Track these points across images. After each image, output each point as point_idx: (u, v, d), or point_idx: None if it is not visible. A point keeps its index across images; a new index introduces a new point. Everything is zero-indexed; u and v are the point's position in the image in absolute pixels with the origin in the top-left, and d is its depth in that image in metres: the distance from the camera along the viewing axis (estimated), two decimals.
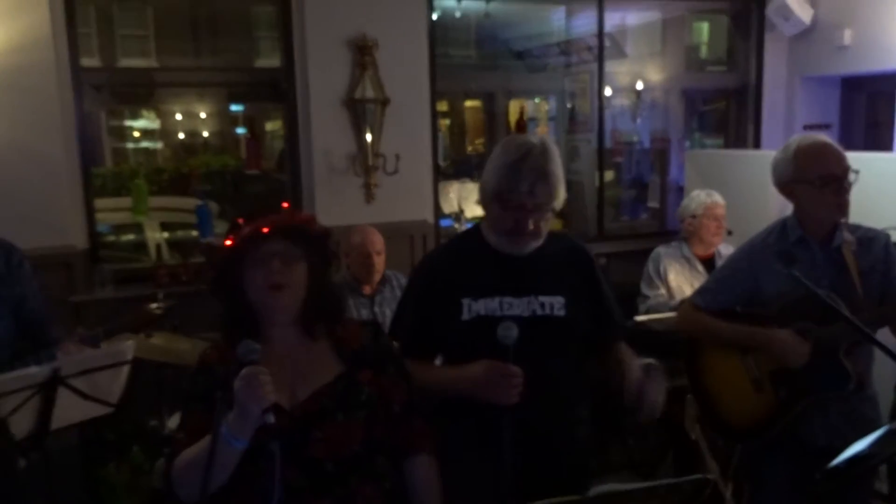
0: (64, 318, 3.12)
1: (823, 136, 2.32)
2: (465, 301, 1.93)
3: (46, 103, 3.66)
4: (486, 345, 1.79)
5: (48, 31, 3.64)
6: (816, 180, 2.24)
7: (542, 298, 1.96)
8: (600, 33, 5.10)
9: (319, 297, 1.74)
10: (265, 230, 1.66)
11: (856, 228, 2.33)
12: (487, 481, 1.77)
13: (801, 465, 2.32)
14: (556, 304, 1.96)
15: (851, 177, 2.25)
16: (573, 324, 1.98)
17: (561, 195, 1.92)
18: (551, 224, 2.05)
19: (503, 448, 1.70)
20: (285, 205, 1.81)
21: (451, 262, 2.04)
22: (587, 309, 2.03)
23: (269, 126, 11.15)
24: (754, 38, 5.42)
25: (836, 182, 2.23)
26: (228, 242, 1.67)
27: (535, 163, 1.86)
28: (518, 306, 1.93)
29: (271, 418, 1.49)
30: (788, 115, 5.42)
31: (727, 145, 5.76)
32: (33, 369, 2.11)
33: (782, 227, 2.40)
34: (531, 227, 1.90)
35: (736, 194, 4.33)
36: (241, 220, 1.70)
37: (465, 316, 1.93)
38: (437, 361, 2.08)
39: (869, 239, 2.30)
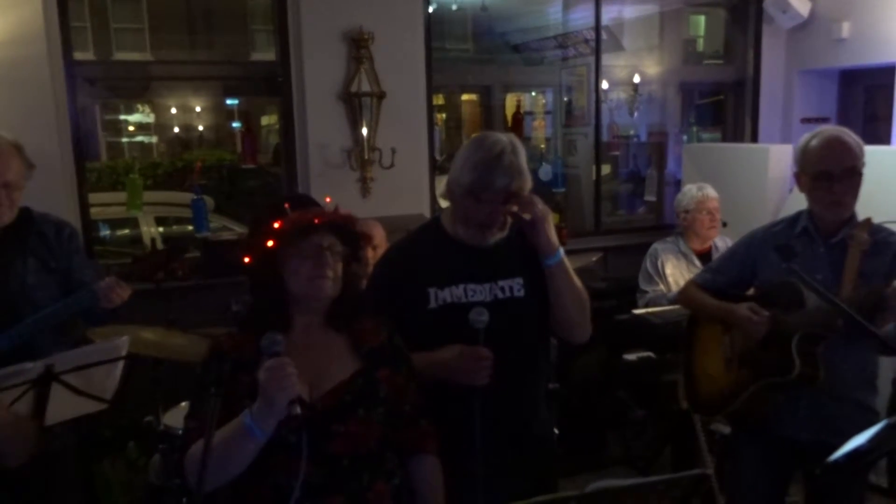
0: None
1: (841, 133, 2.29)
2: (431, 290, 2.02)
3: (40, 97, 3.63)
4: (455, 331, 1.90)
5: (41, 24, 3.61)
6: (812, 175, 2.27)
7: (502, 282, 2.07)
8: (597, 26, 5.08)
9: (349, 291, 1.76)
10: (317, 221, 1.67)
11: (879, 230, 2.29)
12: (459, 462, 1.81)
13: (773, 452, 2.40)
14: (515, 285, 2.07)
15: (863, 177, 2.24)
16: (532, 302, 2.09)
17: (528, 187, 2.02)
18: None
19: (474, 427, 1.78)
20: (328, 199, 1.81)
21: (414, 254, 2.12)
22: (543, 284, 2.11)
23: (265, 120, 11.15)
24: (752, 31, 5.40)
25: (829, 181, 2.23)
26: (277, 225, 1.66)
27: (509, 160, 1.96)
28: (481, 292, 2.04)
29: (297, 409, 1.48)
30: (786, 109, 5.42)
31: (725, 139, 5.75)
32: (27, 365, 2.09)
33: (796, 217, 2.42)
34: (502, 218, 2.00)
35: (734, 187, 4.33)
36: (287, 205, 1.69)
37: (433, 304, 2.01)
38: None
39: (887, 243, 2.27)
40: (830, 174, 2.23)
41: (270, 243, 1.66)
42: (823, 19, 4.97)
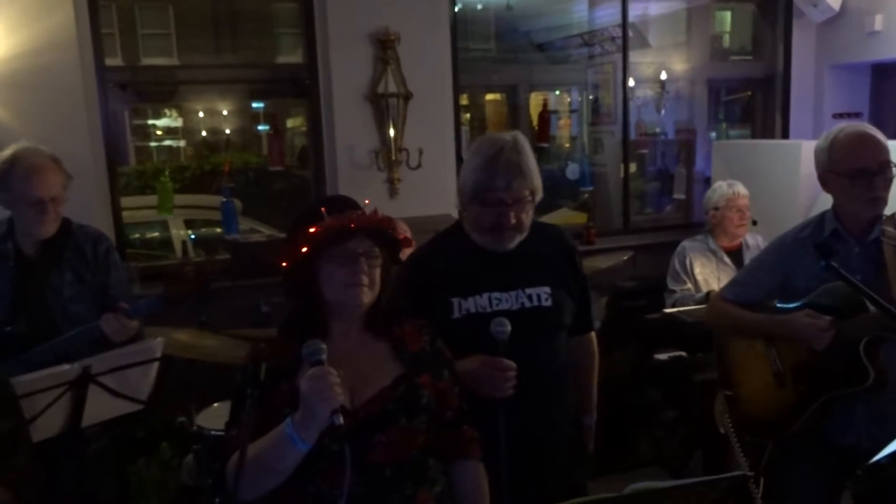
0: None
1: (866, 127, 2.23)
2: (455, 300, 1.98)
3: (73, 103, 3.68)
4: (478, 341, 1.86)
5: (73, 31, 3.66)
6: (846, 173, 2.18)
7: (529, 290, 2.02)
8: (624, 23, 5.05)
9: (388, 296, 1.73)
10: (353, 226, 1.63)
11: None
12: (486, 470, 1.78)
13: (827, 464, 2.28)
14: (542, 294, 2.03)
15: (894, 171, 2.17)
16: (559, 311, 2.06)
17: (538, 187, 1.98)
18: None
19: (499, 440, 1.74)
20: (367, 202, 1.77)
21: (437, 262, 2.07)
22: (570, 295, 2.10)
23: (290, 123, 11.19)
24: (781, 26, 5.33)
25: (868, 177, 2.16)
26: (312, 230, 1.62)
27: (509, 158, 1.92)
28: (506, 301, 2.00)
29: (340, 420, 1.45)
30: (817, 104, 5.33)
31: (754, 135, 5.68)
32: (65, 367, 2.12)
33: (820, 219, 2.34)
34: (513, 220, 1.95)
35: (764, 185, 4.27)
36: (323, 210, 1.65)
37: (456, 314, 1.98)
38: None
39: None
40: (867, 170, 2.16)
41: (305, 249, 1.62)
42: (855, 12, 4.88)
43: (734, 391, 2.51)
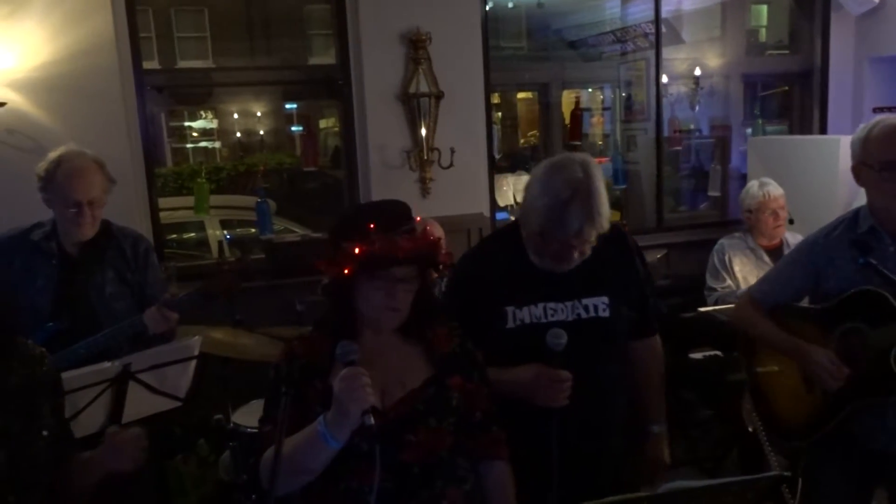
0: None
1: None
2: (509, 309, 1.95)
3: (112, 106, 3.75)
4: (532, 351, 1.83)
5: (111, 35, 3.73)
6: (876, 165, 2.11)
7: (586, 301, 1.97)
8: (657, 19, 4.99)
9: (421, 304, 1.73)
10: (400, 256, 1.60)
11: None
12: (535, 482, 1.78)
13: (858, 468, 2.23)
14: (599, 305, 1.98)
15: None
16: (617, 322, 2.00)
17: (606, 225, 1.89)
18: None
19: (551, 449, 1.73)
20: (418, 219, 1.74)
21: (492, 269, 2.02)
22: (629, 301, 2.04)
23: (323, 123, 11.30)
24: (819, 19, 5.23)
25: None
26: (357, 251, 1.58)
27: (583, 205, 1.82)
28: (562, 311, 1.95)
29: (370, 420, 1.48)
30: (856, 98, 5.21)
31: (791, 131, 5.59)
32: (105, 364, 2.17)
33: (854, 216, 2.26)
34: (576, 256, 1.90)
35: (802, 182, 4.19)
36: (372, 226, 1.61)
37: (510, 324, 1.95)
38: None
39: None
40: None
41: (346, 270, 1.60)
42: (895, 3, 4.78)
43: (763, 393, 2.48)
